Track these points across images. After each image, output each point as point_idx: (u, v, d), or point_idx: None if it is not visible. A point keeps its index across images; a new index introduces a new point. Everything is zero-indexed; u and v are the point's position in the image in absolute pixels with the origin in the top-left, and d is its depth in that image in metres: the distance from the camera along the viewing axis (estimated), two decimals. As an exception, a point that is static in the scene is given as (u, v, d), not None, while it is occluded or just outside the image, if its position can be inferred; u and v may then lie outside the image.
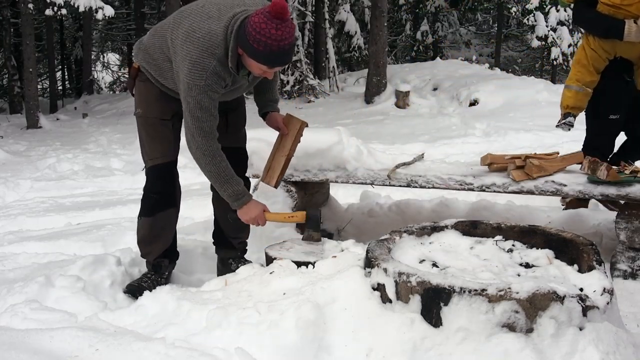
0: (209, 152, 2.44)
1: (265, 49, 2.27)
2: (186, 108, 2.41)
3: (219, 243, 3.06)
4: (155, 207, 2.76)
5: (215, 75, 2.36)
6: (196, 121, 2.40)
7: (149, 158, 2.74)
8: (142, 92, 2.71)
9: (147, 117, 2.70)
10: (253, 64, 2.37)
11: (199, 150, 2.44)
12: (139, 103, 2.72)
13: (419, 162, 3.30)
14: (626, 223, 2.90)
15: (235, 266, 2.93)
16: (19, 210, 5.29)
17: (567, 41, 16.13)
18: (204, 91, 2.36)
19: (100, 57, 23.04)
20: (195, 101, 2.37)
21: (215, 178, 2.50)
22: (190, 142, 2.45)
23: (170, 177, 2.79)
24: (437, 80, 13.34)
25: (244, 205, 2.57)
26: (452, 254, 2.38)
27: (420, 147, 7.32)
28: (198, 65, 2.32)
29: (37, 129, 11.95)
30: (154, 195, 2.76)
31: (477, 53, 22.48)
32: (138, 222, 2.84)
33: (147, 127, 2.72)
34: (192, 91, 2.36)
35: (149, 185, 2.79)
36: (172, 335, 2.08)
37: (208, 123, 2.42)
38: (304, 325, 1.97)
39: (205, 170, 2.49)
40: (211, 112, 2.42)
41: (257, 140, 3.34)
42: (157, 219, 2.77)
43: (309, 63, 15.09)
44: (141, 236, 2.84)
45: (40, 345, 2.01)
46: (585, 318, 1.84)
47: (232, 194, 2.53)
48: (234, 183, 2.52)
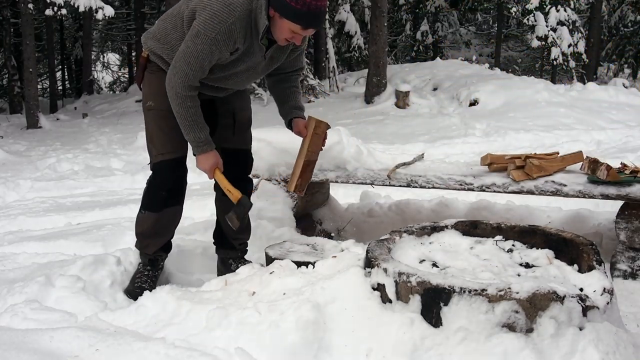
0: (181, 95, 2.42)
1: (304, 7, 2.25)
2: (182, 49, 2.39)
3: (219, 243, 3.05)
4: (163, 204, 2.72)
5: (229, 33, 2.32)
6: (185, 65, 2.37)
7: (159, 152, 2.67)
8: (153, 83, 2.64)
9: (160, 110, 2.62)
10: (285, 26, 2.32)
11: (173, 90, 2.42)
12: (150, 95, 2.66)
13: (419, 162, 3.30)
14: (626, 223, 2.90)
15: (236, 266, 2.92)
16: (19, 210, 5.29)
17: (567, 41, 16.10)
18: (209, 43, 2.32)
19: (100, 57, 23.02)
20: (195, 47, 2.34)
21: (182, 120, 2.47)
22: (169, 79, 2.43)
23: (182, 172, 2.75)
24: (437, 80, 13.35)
25: (202, 154, 2.54)
26: (452, 254, 2.38)
27: (420, 147, 7.33)
28: (216, 18, 2.30)
29: (37, 129, 11.95)
30: (163, 192, 2.70)
31: (477, 53, 22.47)
32: (140, 215, 2.78)
33: (159, 120, 2.64)
34: (198, 38, 2.33)
35: (159, 181, 2.71)
36: (172, 335, 2.09)
37: (194, 73, 2.39)
38: (304, 325, 1.97)
39: (174, 110, 2.47)
40: (203, 66, 2.39)
41: (257, 140, 3.34)
42: (163, 215, 2.73)
43: (309, 63, 15.09)
44: (143, 229, 2.79)
45: (40, 345, 2.01)
46: (585, 318, 1.84)
47: (193, 140, 2.51)
48: (197, 130, 2.48)
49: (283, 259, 2.52)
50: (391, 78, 13.38)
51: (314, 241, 2.80)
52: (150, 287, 2.69)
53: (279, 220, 3.43)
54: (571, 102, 10.68)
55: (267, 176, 3.37)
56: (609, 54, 22.52)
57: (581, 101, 10.82)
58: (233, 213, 2.64)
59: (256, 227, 3.40)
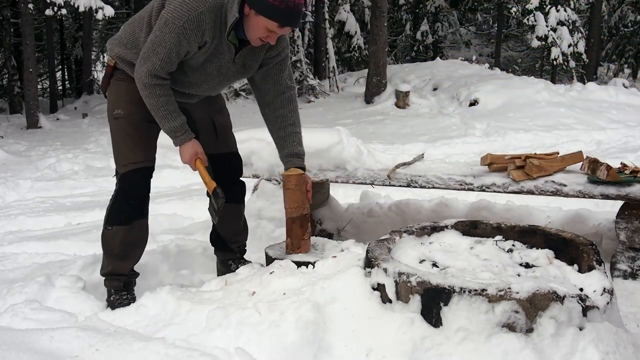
0: (149, 84, 2.35)
1: (282, 4, 2.20)
2: (150, 38, 2.32)
3: (217, 246, 3.01)
4: (133, 215, 2.57)
5: (197, 22, 2.26)
6: (152, 54, 2.31)
7: (128, 162, 2.54)
8: (122, 91, 2.55)
9: (131, 119, 2.54)
10: (260, 24, 2.26)
11: (141, 80, 2.36)
12: (119, 103, 2.56)
13: (419, 162, 3.30)
14: (626, 223, 2.90)
15: (235, 267, 2.92)
16: (19, 210, 5.29)
17: (567, 41, 16.11)
18: (177, 32, 2.26)
19: (100, 57, 23.02)
20: (163, 36, 2.28)
21: (154, 110, 2.40)
22: (137, 70, 2.36)
23: (149, 182, 2.63)
24: (437, 80, 13.36)
25: (182, 144, 2.47)
26: (452, 254, 2.38)
27: (420, 147, 7.33)
28: (185, 6, 2.24)
29: (37, 129, 11.96)
30: (132, 201, 2.56)
31: (477, 53, 22.49)
32: (107, 232, 2.59)
33: (129, 128, 2.54)
34: (166, 27, 2.26)
35: (127, 192, 2.56)
36: (172, 335, 2.08)
37: (162, 63, 2.32)
38: (304, 325, 1.97)
39: (146, 102, 2.40)
40: (171, 57, 2.32)
41: (257, 140, 3.34)
42: (133, 227, 2.57)
43: (309, 63, 15.10)
44: (113, 247, 2.59)
45: (40, 345, 2.01)
46: (585, 318, 1.83)
47: (170, 130, 2.43)
48: (172, 118, 2.41)
49: (283, 259, 2.52)
50: (391, 78, 13.39)
51: (314, 241, 2.80)
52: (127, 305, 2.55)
53: (279, 220, 3.43)
54: (571, 102, 10.68)
55: (267, 176, 3.37)
56: (609, 54, 22.53)
57: (581, 101, 10.83)
58: (210, 205, 2.59)
59: (256, 227, 3.41)
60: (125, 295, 2.61)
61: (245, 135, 3.43)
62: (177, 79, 2.47)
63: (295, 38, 14.53)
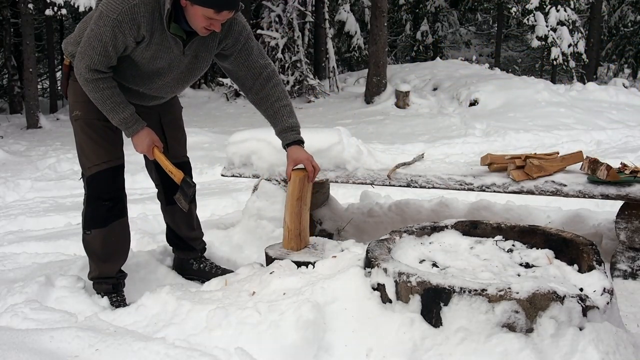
0: (90, 79, 2.32)
1: None
2: (87, 33, 2.29)
3: (177, 246, 3.00)
4: (109, 216, 2.54)
5: (131, 15, 2.21)
6: (89, 48, 2.27)
7: (92, 164, 2.52)
8: (77, 92, 2.50)
9: (87, 120, 2.51)
10: (198, 13, 2.21)
11: (82, 76, 2.33)
12: (76, 104, 2.53)
13: (419, 162, 3.30)
14: (626, 223, 2.90)
15: (197, 266, 2.93)
16: (19, 210, 5.29)
17: (567, 41, 16.12)
18: (111, 25, 2.21)
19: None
20: (98, 30, 2.24)
21: (101, 105, 2.37)
22: (76, 66, 2.34)
23: (121, 181, 2.60)
24: (437, 80, 13.36)
25: (135, 134, 2.43)
26: (452, 254, 2.38)
27: (420, 147, 7.33)
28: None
29: (37, 129, 11.95)
30: (105, 202, 2.53)
31: (477, 53, 22.50)
32: (86, 236, 2.59)
33: (88, 129, 2.51)
34: (100, 20, 2.23)
35: (97, 193, 2.54)
36: (172, 335, 2.09)
37: (99, 57, 2.28)
38: (304, 325, 1.97)
39: (91, 97, 2.37)
40: (108, 50, 2.27)
41: (257, 140, 3.34)
42: (112, 229, 2.56)
43: (309, 63, 15.09)
44: (95, 250, 2.59)
45: (40, 345, 2.01)
46: (585, 318, 1.84)
47: (120, 122, 2.40)
48: (120, 110, 2.37)
49: (283, 259, 2.52)
50: (391, 78, 13.39)
51: (314, 241, 2.80)
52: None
53: (279, 220, 3.43)
54: (571, 102, 10.68)
55: (267, 176, 3.37)
56: (609, 54, 22.53)
57: (581, 101, 10.83)
58: (180, 194, 2.56)
59: (256, 227, 3.40)
60: (115, 298, 2.63)
61: (246, 135, 3.43)
62: (130, 75, 2.44)
63: (295, 38, 14.54)
